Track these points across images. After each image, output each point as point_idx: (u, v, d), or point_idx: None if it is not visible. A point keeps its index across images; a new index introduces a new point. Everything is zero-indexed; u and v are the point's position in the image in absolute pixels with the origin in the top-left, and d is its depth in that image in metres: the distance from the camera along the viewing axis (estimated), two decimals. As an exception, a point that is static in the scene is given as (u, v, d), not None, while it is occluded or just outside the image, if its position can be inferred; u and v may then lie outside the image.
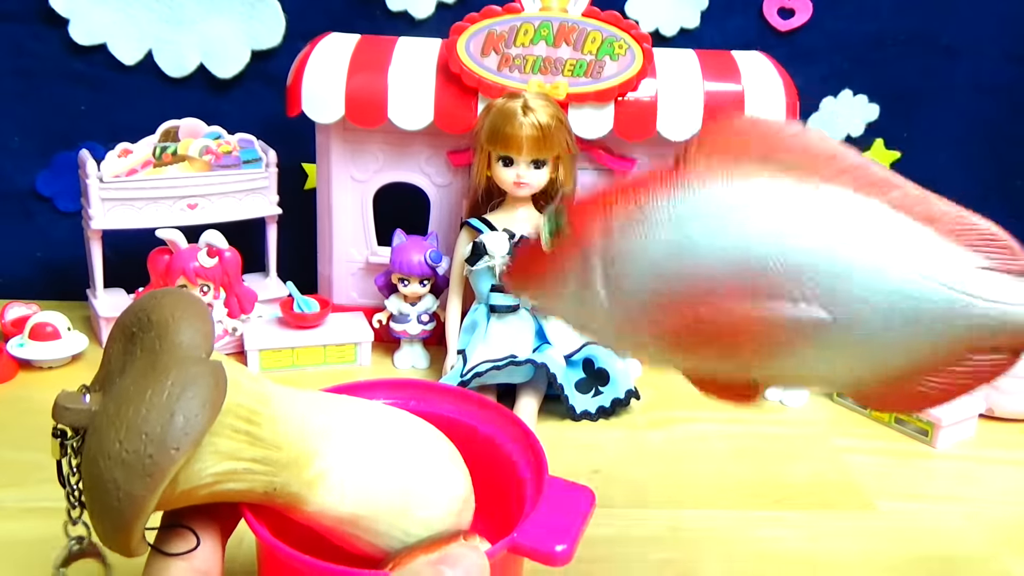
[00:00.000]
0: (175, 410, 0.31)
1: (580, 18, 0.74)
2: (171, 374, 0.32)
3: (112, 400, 0.32)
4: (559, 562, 0.35)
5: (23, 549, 0.50)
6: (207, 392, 0.31)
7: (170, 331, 0.33)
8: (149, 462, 0.30)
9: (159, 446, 0.30)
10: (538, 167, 0.71)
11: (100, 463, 0.31)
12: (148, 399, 0.31)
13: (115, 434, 0.31)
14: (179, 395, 0.31)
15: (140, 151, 0.75)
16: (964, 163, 0.92)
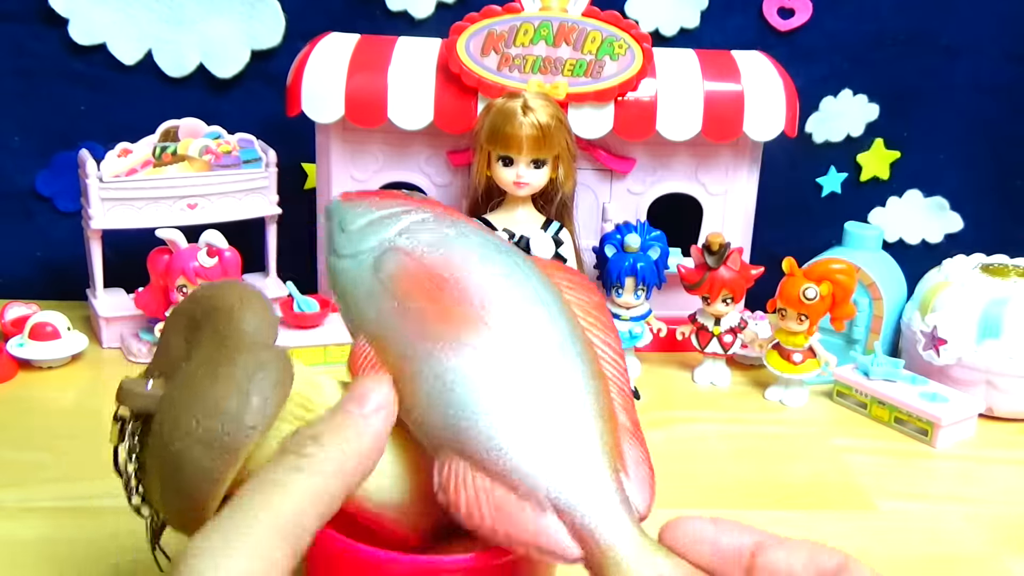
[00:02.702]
0: (250, 390, 0.31)
1: (580, 18, 0.74)
2: (243, 357, 0.32)
3: (182, 383, 0.33)
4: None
5: (23, 549, 0.50)
6: (278, 375, 0.32)
7: (236, 318, 0.34)
8: (228, 439, 0.31)
9: (236, 424, 0.31)
10: (538, 167, 0.71)
11: (176, 442, 0.31)
12: (223, 380, 0.32)
13: (191, 413, 0.31)
14: (252, 376, 0.32)
15: (140, 151, 0.75)
16: (964, 163, 0.92)
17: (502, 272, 0.36)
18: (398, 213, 0.38)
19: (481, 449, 0.32)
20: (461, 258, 0.36)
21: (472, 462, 0.32)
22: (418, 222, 0.37)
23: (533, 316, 0.35)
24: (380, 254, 0.36)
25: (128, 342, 0.76)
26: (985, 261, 0.78)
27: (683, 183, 0.80)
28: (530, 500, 0.31)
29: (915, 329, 0.75)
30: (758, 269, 0.75)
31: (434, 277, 0.35)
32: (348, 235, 0.37)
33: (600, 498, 0.31)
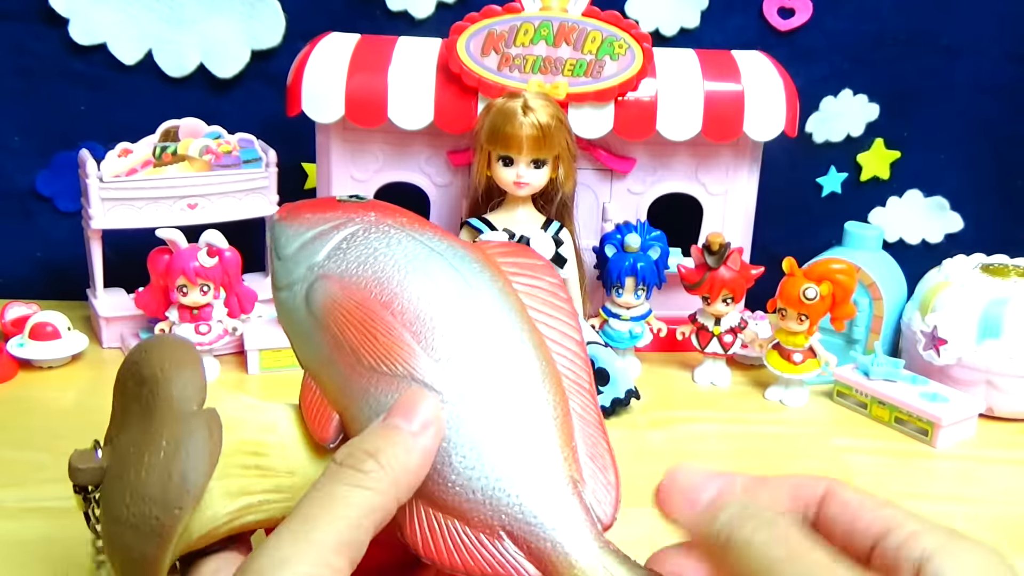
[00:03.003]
0: (172, 470, 0.31)
1: (580, 18, 0.74)
2: (164, 433, 0.32)
3: (115, 461, 0.33)
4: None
5: (23, 549, 0.50)
6: (202, 446, 0.32)
7: (160, 386, 0.34)
8: (156, 523, 0.31)
9: (162, 508, 0.31)
10: (538, 167, 0.71)
11: (112, 527, 0.32)
12: (146, 461, 0.32)
13: (120, 499, 0.32)
14: (174, 454, 0.32)
15: (140, 151, 0.75)
16: (964, 163, 0.92)
17: (438, 282, 0.34)
18: (329, 230, 0.35)
19: (430, 485, 0.31)
20: (392, 275, 0.34)
21: (423, 498, 0.31)
22: (348, 237, 0.35)
23: (474, 328, 0.33)
24: (311, 283, 0.34)
25: (128, 342, 0.76)
26: (985, 261, 0.78)
27: (683, 183, 0.80)
28: (484, 530, 0.31)
29: (915, 329, 0.75)
30: (758, 269, 0.75)
31: (363, 305, 0.33)
32: (283, 263, 0.36)
33: (555, 517, 0.30)
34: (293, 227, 0.36)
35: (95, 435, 0.66)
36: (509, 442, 0.31)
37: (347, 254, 0.34)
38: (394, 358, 0.32)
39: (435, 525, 0.31)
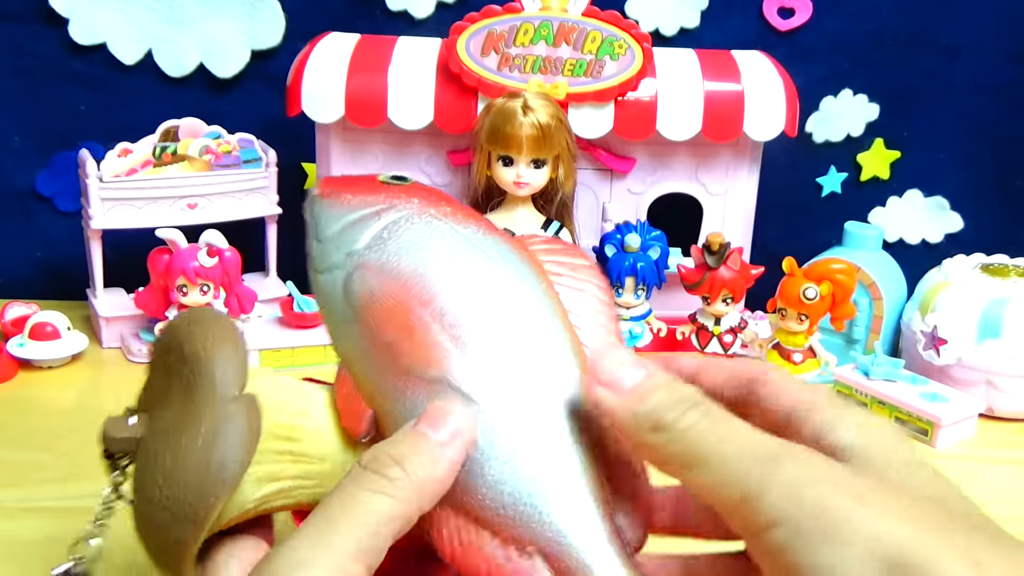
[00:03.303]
0: (210, 459, 0.31)
1: (580, 18, 0.74)
2: (204, 419, 0.32)
3: (151, 436, 0.33)
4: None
5: (23, 549, 0.50)
6: (240, 434, 0.31)
7: (203, 366, 0.33)
8: (190, 509, 0.31)
9: (197, 495, 0.31)
10: (538, 167, 0.71)
11: (144, 506, 0.32)
12: (184, 446, 0.32)
13: (154, 480, 0.32)
14: (212, 442, 0.31)
15: (140, 151, 0.75)
16: (964, 163, 0.92)
17: (480, 283, 0.32)
18: (370, 215, 0.34)
19: (461, 494, 0.30)
20: (433, 271, 0.32)
21: (454, 508, 0.30)
22: (390, 226, 0.33)
23: (516, 335, 0.32)
24: (349, 272, 0.33)
25: (128, 342, 0.76)
26: (985, 261, 0.78)
27: (683, 183, 0.80)
28: (515, 545, 0.30)
29: (915, 329, 0.75)
30: (758, 269, 0.75)
31: (401, 303, 0.32)
32: (323, 245, 0.34)
33: (586, 539, 0.30)
34: (334, 207, 0.34)
35: (95, 435, 0.66)
36: (543, 458, 0.30)
37: (388, 244, 0.33)
38: (430, 362, 0.31)
39: (467, 536, 0.30)
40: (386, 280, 0.32)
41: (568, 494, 0.30)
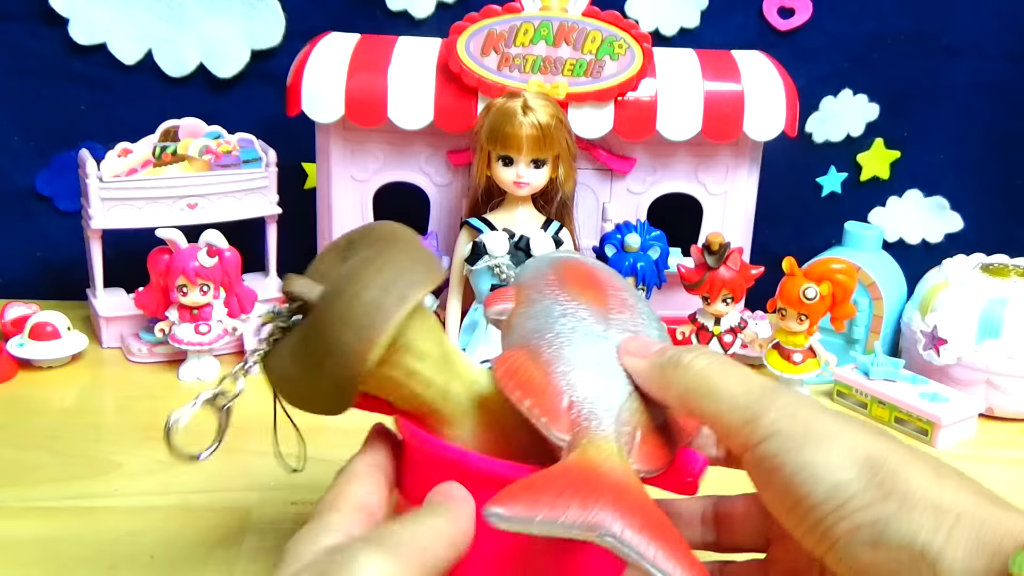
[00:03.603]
0: (423, 259, 0.39)
1: (580, 18, 0.74)
2: (414, 243, 0.41)
3: (355, 263, 0.38)
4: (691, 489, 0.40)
5: (23, 549, 0.50)
6: (436, 260, 0.40)
7: (397, 227, 0.41)
8: (400, 288, 0.37)
9: (411, 276, 0.38)
10: (538, 167, 0.71)
11: (352, 290, 0.37)
12: (395, 252, 0.39)
13: (367, 272, 0.37)
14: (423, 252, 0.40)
15: (140, 151, 0.75)
16: (964, 163, 0.92)
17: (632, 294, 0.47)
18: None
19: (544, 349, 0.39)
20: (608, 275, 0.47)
21: (530, 355, 0.39)
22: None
23: (641, 327, 0.43)
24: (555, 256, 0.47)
25: (128, 342, 0.76)
26: (985, 261, 0.78)
27: (683, 183, 0.80)
28: (552, 388, 0.38)
29: (915, 329, 0.75)
30: (758, 269, 0.75)
31: (591, 272, 0.45)
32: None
33: (607, 419, 0.37)
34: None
35: (95, 435, 0.66)
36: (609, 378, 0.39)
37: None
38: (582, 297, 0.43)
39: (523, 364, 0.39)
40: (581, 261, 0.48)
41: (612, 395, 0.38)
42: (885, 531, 0.30)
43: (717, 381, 0.36)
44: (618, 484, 0.34)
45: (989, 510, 0.30)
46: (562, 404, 0.37)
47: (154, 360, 0.75)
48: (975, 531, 0.29)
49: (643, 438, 0.38)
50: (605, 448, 0.36)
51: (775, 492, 0.33)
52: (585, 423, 0.36)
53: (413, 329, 0.38)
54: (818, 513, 0.32)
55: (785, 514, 0.33)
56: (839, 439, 0.32)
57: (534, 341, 0.40)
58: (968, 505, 0.30)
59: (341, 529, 0.36)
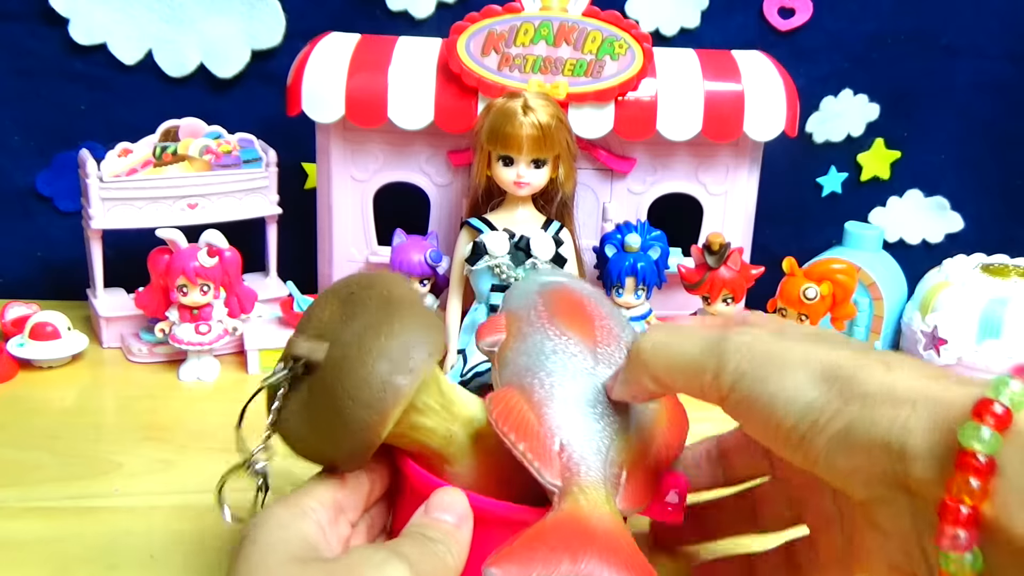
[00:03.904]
0: (429, 325, 0.40)
1: (580, 18, 0.74)
2: (417, 305, 0.41)
3: (362, 327, 0.39)
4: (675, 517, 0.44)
5: (23, 549, 0.50)
6: (441, 324, 0.42)
7: (396, 284, 0.42)
8: (412, 362, 0.38)
9: (420, 350, 0.39)
10: (538, 167, 0.71)
11: (365, 364, 0.38)
12: (401, 319, 0.39)
13: (378, 343, 0.38)
14: (428, 317, 0.41)
15: (140, 151, 0.74)
16: (964, 163, 0.92)
17: (617, 322, 0.47)
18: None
19: (536, 389, 0.41)
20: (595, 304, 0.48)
21: (524, 394, 0.41)
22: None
23: (623, 355, 0.43)
24: (543, 283, 0.49)
25: (128, 342, 0.76)
26: (985, 261, 0.78)
27: (683, 183, 0.80)
28: (544, 430, 0.39)
29: (915, 329, 0.75)
30: (758, 269, 0.75)
31: (579, 303, 0.47)
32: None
33: (596, 464, 0.39)
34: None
35: (95, 435, 0.66)
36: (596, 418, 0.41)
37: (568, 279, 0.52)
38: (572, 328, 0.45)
39: (517, 407, 0.40)
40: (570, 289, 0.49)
41: (597, 436, 0.40)
42: (853, 435, 0.32)
43: (673, 352, 0.38)
44: (607, 534, 0.37)
45: (940, 390, 0.32)
46: (554, 448, 0.39)
47: (154, 360, 0.75)
48: (930, 413, 0.31)
49: (629, 476, 0.40)
50: (594, 496, 0.38)
51: (756, 427, 0.36)
52: (575, 468, 0.39)
53: (418, 390, 0.40)
54: (796, 435, 0.34)
55: (770, 443, 0.36)
56: (795, 361, 0.35)
57: (527, 379, 0.42)
58: (920, 390, 0.32)
59: (315, 518, 0.38)
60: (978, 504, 0.30)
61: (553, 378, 0.42)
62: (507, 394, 0.41)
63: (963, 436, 0.30)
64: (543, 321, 0.45)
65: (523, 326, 0.45)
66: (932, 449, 0.31)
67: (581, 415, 0.41)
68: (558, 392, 0.41)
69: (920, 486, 0.31)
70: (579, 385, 0.42)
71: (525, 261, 0.70)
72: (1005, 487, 0.29)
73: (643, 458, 0.42)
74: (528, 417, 0.40)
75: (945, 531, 0.30)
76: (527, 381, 0.42)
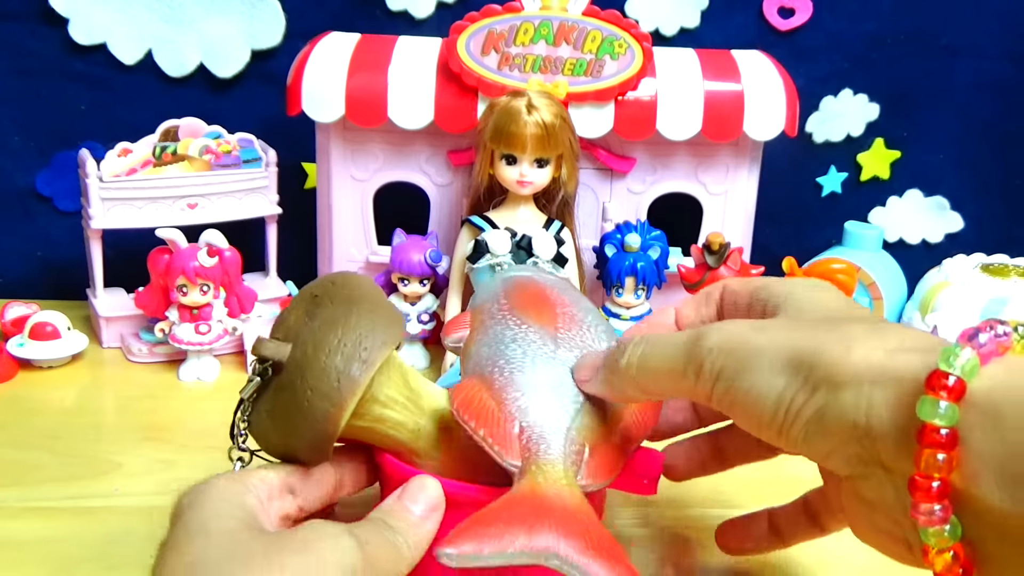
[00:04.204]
0: (384, 318, 0.41)
1: (580, 17, 0.74)
2: (375, 299, 0.42)
3: (320, 324, 0.41)
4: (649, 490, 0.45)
5: (23, 549, 0.50)
6: (399, 316, 0.43)
7: (357, 282, 0.43)
8: (364, 352, 0.39)
9: (373, 340, 0.40)
10: (541, 166, 0.71)
11: (320, 358, 0.39)
12: (358, 313, 0.41)
13: (334, 336, 0.39)
14: (385, 310, 0.42)
15: (140, 151, 0.74)
16: (964, 163, 0.92)
17: (581, 308, 0.48)
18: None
19: (496, 377, 0.42)
20: (558, 292, 0.49)
21: (484, 383, 0.42)
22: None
23: (589, 340, 0.45)
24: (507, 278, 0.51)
25: (128, 342, 0.76)
26: (985, 261, 0.78)
27: (683, 183, 0.80)
28: (505, 415, 0.40)
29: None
30: (758, 269, 0.75)
31: (540, 292, 0.48)
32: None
33: (555, 442, 0.40)
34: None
35: (95, 435, 0.66)
36: (559, 399, 0.42)
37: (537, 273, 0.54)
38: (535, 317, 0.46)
39: (478, 395, 0.41)
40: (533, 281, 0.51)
41: (559, 420, 0.41)
42: (825, 420, 0.33)
43: (655, 363, 0.39)
44: (563, 508, 0.37)
45: (899, 364, 0.32)
46: (513, 431, 0.40)
47: (154, 360, 0.75)
48: (890, 391, 0.32)
49: (593, 453, 0.40)
50: (552, 473, 0.38)
51: (741, 421, 0.37)
52: (534, 448, 0.39)
53: (378, 382, 0.41)
54: (775, 426, 0.35)
55: (756, 434, 0.36)
56: (763, 352, 0.35)
57: (487, 369, 0.43)
58: (879, 367, 0.32)
59: (256, 494, 0.39)
60: (946, 476, 0.30)
61: (513, 365, 0.42)
62: (468, 384, 0.42)
63: (921, 411, 0.30)
64: (504, 312, 0.46)
65: (485, 319, 0.46)
66: (896, 427, 0.31)
67: (541, 397, 0.41)
68: (517, 377, 0.42)
69: (892, 463, 0.32)
70: (539, 369, 0.42)
71: (527, 260, 0.70)
72: (970, 456, 0.30)
73: (609, 434, 0.42)
74: (488, 404, 0.40)
75: (919, 507, 0.30)
76: (487, 371, 0.42)
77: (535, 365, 0.43)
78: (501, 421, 0.40)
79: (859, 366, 0.33)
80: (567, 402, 0.42)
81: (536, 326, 0.45)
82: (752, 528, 0.49)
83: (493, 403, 0.41)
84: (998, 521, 0.29)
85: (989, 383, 0.30)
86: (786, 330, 0.36)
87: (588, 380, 0.42)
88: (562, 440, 0.40)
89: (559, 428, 0.40)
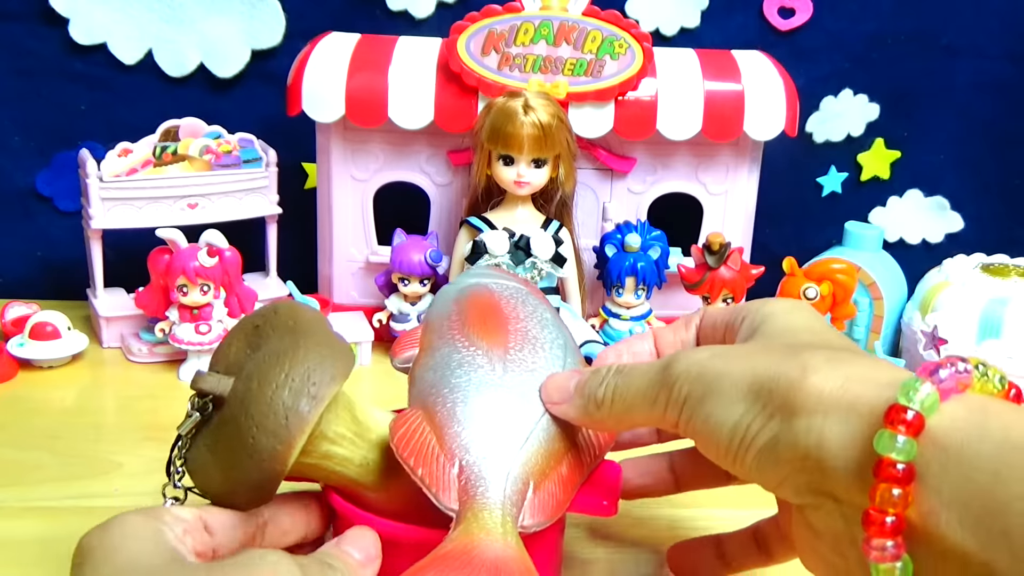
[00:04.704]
0: (333, 350, 0.39)
1: (580, 17, 0.74)
2: (322, 331, 0.40)
3: (264, 357, 0.38)
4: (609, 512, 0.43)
5: (23, 549, 0.50)
6: (347, 348, 0.40)
7: (301, 312, 0.41)
8: (313, 388, 0.37)
9: (321, 374, 0.38)
10: (538, 166, 0.71)
11: (266, 393, 0.37)
12: (305, 346, 0.38)
13: (280, 370, 0.37)
14: (333, 342, 0.40)
15: (140, 151, 0.74)
16: (964, 163, 0.92)
17: (538, 322, 0.45)
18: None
19: (438, 409, 0.40)
20: (513, 305, 0.46)
21: (427, 414, 0.40)
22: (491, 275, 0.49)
23: (542, 360, 0.43)
24: (463, 287, 0.48)
25: (128, 342, 0.76)
26: (985, 261, 0.78)
27: (683, 183, 0.80)
28: (445, 453, 0.39)
29: (915, 329, 0.75)
30: (758, 269, 0.75)
31: (493, 306, 0.46)
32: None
33: (495, 484, 0.38)
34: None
35: (95, 435, 0.66)
36: (507, 429, 0.40)
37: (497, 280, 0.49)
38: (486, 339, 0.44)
39: (418, 430, 0.40)
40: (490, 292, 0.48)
41: (502, 457, 0.39)
42: (777, 448, 0.33)
43: (631, 394, 0.39)
44: (494, 561, 0.36)
45: (856, 395, 0.32)
46: (452, 471, 0.38)
47: (154, 360, 0.75)
48: (845, 423, 0.31)
49: (538, 488, 0.39)
50: (488, 521, 0.37)
51: (701, 447, 0.37)
52: (472, 491, 0.38)
53: (326, 419, 0.39)
54: (731, 453, 0.35)
55: (713, 460, 0.36)
56: (725, 380, 0.35)
57: (431, 398, 0.41)
58: (836, 397, 0.32)
59: (175, 532, 0.36)
60: (901, 512, 0.29)
61: (456, 394, 0.41)
62: (409, 416, 0.40)
63: (879, 445, 0.30)
64: (453, 332, 0.44)
65: (435, 339, 0.44)
66: (850, 459, 0.31)
67: (483, 431, 0.40)
68: (459, 410, 0.40)
69: (843, 495, 0.31)
70: (484, 399, 0.41)
71: (525, 260, 0.70)
72: (926, 493, 0.29)
73: (558, 464, 0.41)
74: (428, 440, 0.39)
75: (872, 542, 0.30)
76: (431, 400, 0.41)
77: (480, 394, 0.41)
78: (440, 461, 0.38)
79: (813, 395, 0.32)
80: (512, 435, 0.40)
81: (484, 348, 0.43)
82: (700, 552, 0.48)
83: (434, 438, 0.39)
84: (959, 561, 0.28)
85: (949, 421, 0.30)
86: (749, 356, 0.36)
87: (559, 403, 0.41)
88: (503, 481, 0.38)
89: (500, 467, 0.39)
